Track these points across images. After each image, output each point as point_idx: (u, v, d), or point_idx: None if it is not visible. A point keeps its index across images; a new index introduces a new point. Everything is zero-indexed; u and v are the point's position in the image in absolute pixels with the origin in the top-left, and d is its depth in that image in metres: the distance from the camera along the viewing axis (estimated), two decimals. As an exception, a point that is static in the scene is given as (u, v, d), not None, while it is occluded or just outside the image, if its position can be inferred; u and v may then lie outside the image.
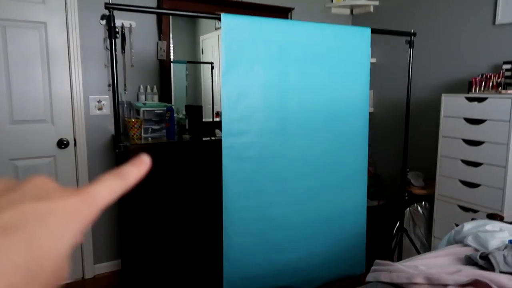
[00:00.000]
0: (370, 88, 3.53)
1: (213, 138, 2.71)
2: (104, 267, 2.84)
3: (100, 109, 2.74)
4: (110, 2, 1.82)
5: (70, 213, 0.23)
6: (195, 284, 2.67)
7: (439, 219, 2.55)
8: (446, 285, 1.12)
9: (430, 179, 2.96)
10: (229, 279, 2.07)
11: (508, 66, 2.49)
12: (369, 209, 3.15)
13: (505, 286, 1.10)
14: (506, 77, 2.46)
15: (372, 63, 3.51)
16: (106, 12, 1.83)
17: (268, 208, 2.08)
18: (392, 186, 3.37)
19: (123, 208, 1.99)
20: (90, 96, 2.70)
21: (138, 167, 0.28)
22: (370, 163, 3.52)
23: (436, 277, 1.15)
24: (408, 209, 2.75)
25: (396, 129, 3.36)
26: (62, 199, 0.23)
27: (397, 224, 2.61)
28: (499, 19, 2.60)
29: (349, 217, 2.34)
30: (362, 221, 2.40)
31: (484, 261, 1.26)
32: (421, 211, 2.73)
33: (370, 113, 3.57)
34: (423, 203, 2.75)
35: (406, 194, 2.59)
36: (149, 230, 2.45)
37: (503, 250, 1.28)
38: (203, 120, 3.09)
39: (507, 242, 1.34)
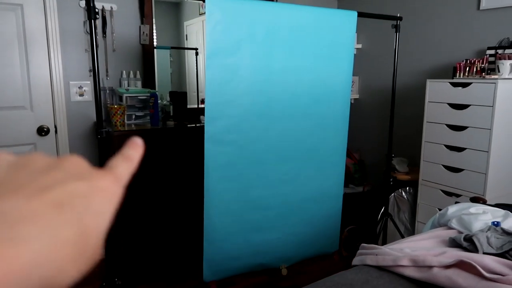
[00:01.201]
0: (356, 74, 3.52)
1: (198, 124, 2.67)
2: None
3: (81, 95, 2.67)
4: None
5: (108, 193, 0.24)
6: (177, 266, 2.66)
7: (423, 204, 2.59)
8: (431, 266, 1.13)
9: (414, 165, 2.99)
10: (209, 259, 2.09)
11: (491, 52, 2.51)
12: (354, 195, 3.18)
13: (489, 266, 1.12)
14: (490, 62, 2.47)
15: (357, 49, 3.50)
16: (85, -7, 1.76)
17: (248, 190, 2.10)
18: (377, 172, 3.40)
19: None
20: (70, 82, 2.62)
21: (137, 150, 0.30)
22: (355, 150, 3.54)
23: (422, 259, 1.16)
24: (392, 194, 2.78)
25: (381, 116, 3.37)
26: (100, 180, 0.24)
27: (382, 210, 2.63)
28: (484, 4, 2.61)
29: (326, 199, 2.39)
30: (338, 203, 2.45)
31: (468, 243, 1.28)
32: (405, 196, 2.76)
33: (356, 100, 3.57)
34: (407, 188, 2.78)
35: (390, 180, 2.61)
36: (132, 215, 2.42)
37: (487, 232, 1.30)
38: (188, 106, 3.04)
39: (490, 224, 1.36)
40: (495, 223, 1.35)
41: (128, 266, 2.44)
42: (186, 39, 3.17)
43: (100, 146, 1.83)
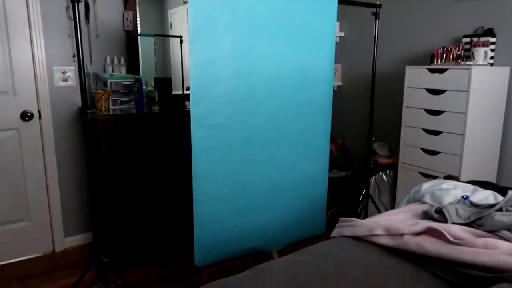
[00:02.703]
0: (339, 62, 3.59)
1: (183, 109, 2.70)
2: (74, 240, 2.82)
3: (65, 80, 2.66)
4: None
5: None
6: (167, 252, 2.70)
7: (402, 186, 2.68)
8: (403, 234, 1.21)
9: (394, 149, 3.08)
10: (200, 244, 2.13)
11: (467, 39, 2.60)
12: (337, 179, 3.26)
13: (456, 235, 1.20)
14: (465, 50, 2.56)
15: (340, 37, 3.56)
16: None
17: (235, 174, 2.14)
18: (359, 157, 3.49)
19: (93, 180, 1.98)
20: (54, 67, 2.61)
21: None
22: (339, 135, 3.62)
23: (394, 228, 1.23)
24: (373, 177, 2.87)
25: (363, 102, 3.45)
26: None
27: (363, 192, 2.72)
28: (461, -7, 2.69)
29: (311, 182, 2.46)
30: (324, 186, 2.53)
31: (439, 215, 1.36)
32: (385, 179, 2.86)
33: (339, 87, 3.64)
34: (387, 171, 2.87)
35: (371, 163, 2.69)
36: (120, 201, 2.45)
37: (456, 204, 1.38)
38: (173, 92, 3.06)
39: (460, 198, 1.44)
40: (464, 197, 1.43)
41: (117, 246, 2.47)
42: (171, 27, 3.18)
43: (85, 128, 1.85)
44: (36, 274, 2.43)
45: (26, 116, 2.54)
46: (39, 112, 2.58)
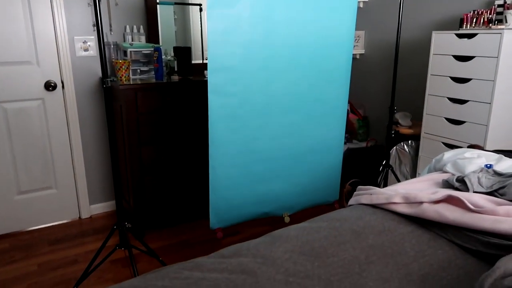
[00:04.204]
0: (362, 29, 3.47)
1: (203, 78, 2.69)
2: (100, 208, 2.93)
3: (86, 50, 2.68)
4: None
5: None
6: (186, 219, 2.78)
7: (424, 157, 2.63)
8: (421, 202, 1.19)
9: (417, 119, 3.00)
10: (215, 208, 2.18)
11: (500, 2, 2.45)
12: (358, 150, 3.22)
13: (477, 203, 1.17)
14: (498, 13, 2.42)
15: (364, 2, 3.42)
16: None
17: (252, 142, 2.15)
18: (381, 128, 3.42)
19: (114, 149, 2.02)
20: (75, 37, 2.63)
21: None
22: (360, 106, 3.55)
23: (413, 196, 1.22)
24: (394, 147, 2.82)
25: (386, 70, 3.34)
26: None
27: (384, 162, 2.68)
28: (495, -48, 2.51)
29: (327, 150, 2.44)
30: (339, 154, 2.51)
31: (460, 184, 1.33)
32: (407, 150, 2.80)
33: (361, 55, 3.53)
34: (409, 142, 2.81)
35: (392, 133, 2.64)
36: (141, 169, 2.50)
37: (479, 173, 1.34)
38: (193, 62, 3.05)
39: (483, 166, 1.40)
40: (488, 165, 1.39)
41: (140, 213, 2.56)
42: (190, -5, 3.13)
43: (106, 96, 1.87)
44: (64, 239, 2.55)
45: (50, 86, 2.59)
46: (62, 82, 2.63)
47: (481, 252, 1.03)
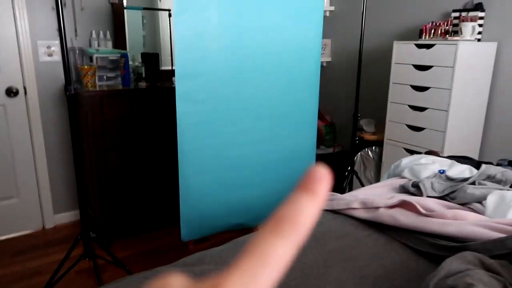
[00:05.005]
0: (328, 37, 3.56)
1: (171, 85, 2.69)
2: (64, 217, 2.86)
3: (50, 55, 2.63)
4: None
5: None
6: (154, 227, 2.75)
7: (387, 162, 2.72)
8: (378, 207, 1.24)
9: (382, 125, 3.11)
10: (186, 219, 2.16)
11: (456, 14, 2.58)
12: (325, 156, 3.29)
13: (430, 207, 1.23)
14: (454, 25, 2.55)
15: (331, 11, 3.52)
16: None
17: (223, 149, 2.15)
18: (347, 134, 3.51)
19: (78, 156, 1.99)
20: (38, 41, 2.57)
21: (323, 183, 0.23)
22: (327, 112, 3.63)
23: (370, 201, 1.27)
24: (359, 153, 2.90)
25: (352, 78, 3.44)
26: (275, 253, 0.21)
27: (349, 168, 2.76)
28: (451, -33, 2.65)
29: (300, 157, 2.47)
30: (312, 162, 2.54)
31: (415, 188, 1.39)
32: (371, 155, 2.89)
33: (328, 62, 3.62)
34: (373, 147, 2.90)
35: (356, 139, 2.72)
36: (106, 177, 2.46)
37: (432, 178, 1.42)
38: (162, 68, 3.03)
39: (436, 172, 1.48)
40: (441, 171, 1.46)
41: (105, 222, 2.51)
42: (160, 0, 3.12)
43: (70, 104, 1.84)
44: (27, 250, 2.47)
45: (11, 92, 2.51)
46: (25, 88, 2.56)
47: (431, 254, 1.09)
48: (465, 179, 1.34)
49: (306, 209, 0.22)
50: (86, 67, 2.50)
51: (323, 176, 0.24)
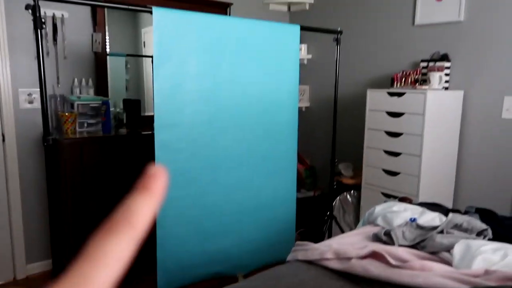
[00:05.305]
0: (306, 84, 3.69)
1: (152, 132, 2.71)
2: (37, 267, 2.75)
3: (30, 102, 2.64)
4: (36, -8, 1.77)
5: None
6: (131, 276, 2.67)
7: (365, 206, 2.76)
8: (350, 258, 1.26)
9: (359, 169, 3.17)
10: (163, 268, 2.11)
11: (424, 64, 2.74)
12: (306, 199, 3.32)
13: (401, 257, 1.26)
14: (423, 74, 2.70)
15: (308, 60, 3.68)
16: (31, 2, 1.79)
17: (201, 197, 2.15)
18: (327, 177, 3.56)
19: (54, 205, 1.96)
20: (19, 89, 2.59)
21: (158, 180, 0.25)
22: (307, 156, 3.70)
23: (343, 251, 1.28)
24: (338, 197, 2.94)
25: (329, 123, 3.54)
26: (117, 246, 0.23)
27: (328, 213, 2.78)
28: (418, 20, 2.84)
29: (279, 205, 2.47)
30: (292, 209, 2.55)
31: (387, 237, 1.42)
32: (350, 199, 2.93)
33: (307, 108, 3.74)
34: (352, 191, 2.95)
35: (334, 184, 2.76)
36: (83, 226, 2.42)
37: (403, 226, 1.45)
38: (145, 114, 3.07)
39: (408, 220, 1.51)
40: (412, 219, 1.50)
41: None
42: (144, 46, 3.21)
43: (47, 155, 1.84)
44: (-5, 302, 2.36)
45: (-12, 139, 2.50)
46: (3, 135, 2.55)
47: (402, 306, 1.10)
48: (434, 228, 1.38)
49: (141, 207, 0.24)
50: (66, 114, 2.52)
51: (158, 173, 0.25)
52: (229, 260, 2.32)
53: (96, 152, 2.42)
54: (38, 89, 2.65)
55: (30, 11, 2.26)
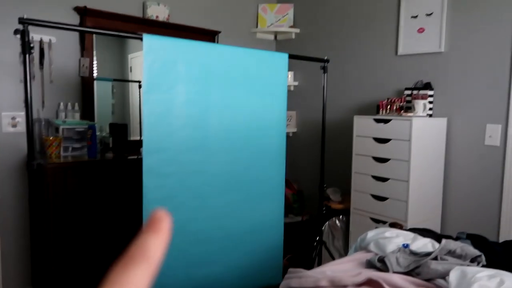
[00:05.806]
0: (294, 109, 3.74)
1: (138, 156, 2.68)
2: (14, 297, 2.62)
3: (14, 126, 2.58)
4: (25, 16, 1.76)
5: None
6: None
7: (354, 231, 2.75)
8: (345, 285, 1.24)
9: (347, 194, 3.18)
10: (150, 298, 2.03)
11: (408, 92, 2.81)
12: (294, 224, 3.29)
13: (396, 284, 1.24)
14: (407, 101, 2.77)
15: (295, 86, 3.73)
16: (20, 27, 1.78)
17: (188, 223, 2.12)
18: (315, 202, 3.56)
19: (36, 231, 1.88)
20: (3, 113, 2.54)
21: (164, 221, 0.29)
22: (295, 180, 3.70)
23: (338, 279, 1.26)
24: (327, 223, 2.93)
25: (317, 147, 3.57)
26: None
27: (317, 238, 2.76)
28: (400, 51, 2.94)
29: (267, 230, 2.45)
30: (280, 234, 2.53)
31: (381, 264, 1.41)
32: (339, 224, 2.92)
33: (294, 133, 3.77)
34: (340, 216, 2.94)
35: (323, 209, 2.76)
36: (65, 254, 2.33)
37: (397, 253, 1.44)
38: (131, 138, 3.04)
39: (401, 246, 1.51)
40: (405, 245, 1.50)
41: (58, 305, 2.32)
42: (131, 71, 3.21)
43: (31, 179, 1.79)
44: (-33, 337, 2.22)
45: (-32, 164, 2.41)
46: (-17, 159, 2.47)
47: (401, 335, 1.08)
48: (428, 254, 1.38)
49: (154, 244, 0.27)
50: (51, 138, 2.46)
51: (163, 216, 0.29)
52: (216, 287, 2.27)
53: (81, 177, 2.37)
54: (22, 113, 2.61)
55: (19, 36, 2.24)
